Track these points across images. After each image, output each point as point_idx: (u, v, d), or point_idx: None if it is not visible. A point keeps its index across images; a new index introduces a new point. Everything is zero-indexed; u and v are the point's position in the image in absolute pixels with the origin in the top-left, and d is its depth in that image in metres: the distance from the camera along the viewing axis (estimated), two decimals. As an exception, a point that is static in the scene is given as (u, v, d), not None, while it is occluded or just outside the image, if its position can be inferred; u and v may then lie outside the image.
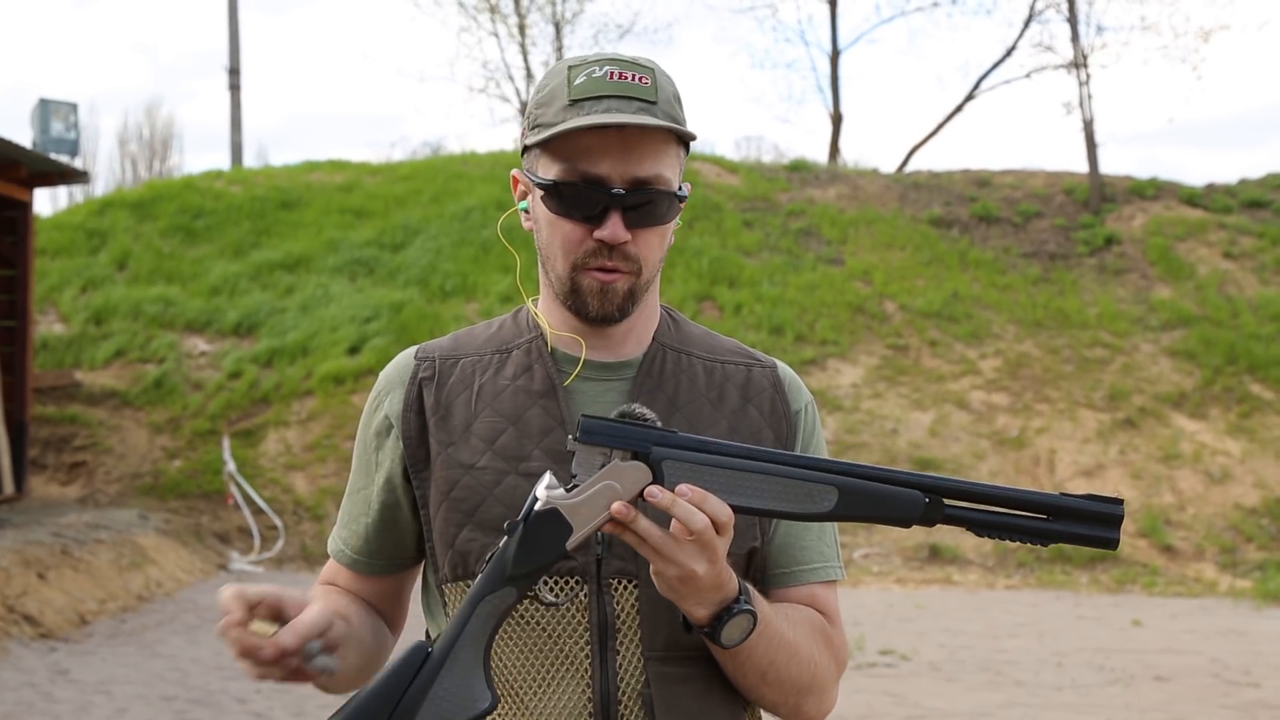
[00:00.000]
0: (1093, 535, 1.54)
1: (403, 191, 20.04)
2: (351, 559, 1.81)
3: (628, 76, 1.64)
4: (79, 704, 7.20)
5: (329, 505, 13.57)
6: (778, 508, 1.52)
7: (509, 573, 1.49)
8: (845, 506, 1.53)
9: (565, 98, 1.65)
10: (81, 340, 16.19)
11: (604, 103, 1.62)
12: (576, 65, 1.68)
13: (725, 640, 1.55)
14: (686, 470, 1.49)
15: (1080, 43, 22.16)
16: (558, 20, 25.60)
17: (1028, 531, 1.53)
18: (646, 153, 1.63)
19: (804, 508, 1.52)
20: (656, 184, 1.64)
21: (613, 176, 1.63)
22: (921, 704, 7.53)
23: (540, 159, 1.69)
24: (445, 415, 1.72)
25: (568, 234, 1.67)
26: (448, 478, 1.69)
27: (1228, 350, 16.00)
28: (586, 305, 1.68)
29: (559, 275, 1.70)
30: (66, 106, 15.64)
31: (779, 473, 1.52)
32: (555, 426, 1.69)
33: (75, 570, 10.12)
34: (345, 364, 15.46)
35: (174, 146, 43.34)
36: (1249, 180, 20.91)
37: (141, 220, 19.13)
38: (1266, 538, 13.23)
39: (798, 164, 22.31)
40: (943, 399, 15.36)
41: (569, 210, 1.65)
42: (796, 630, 1.66)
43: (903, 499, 1.53)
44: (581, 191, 1.64)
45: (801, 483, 1.52)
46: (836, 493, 1.52)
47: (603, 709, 1.62)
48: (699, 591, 1.51)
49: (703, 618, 1.55)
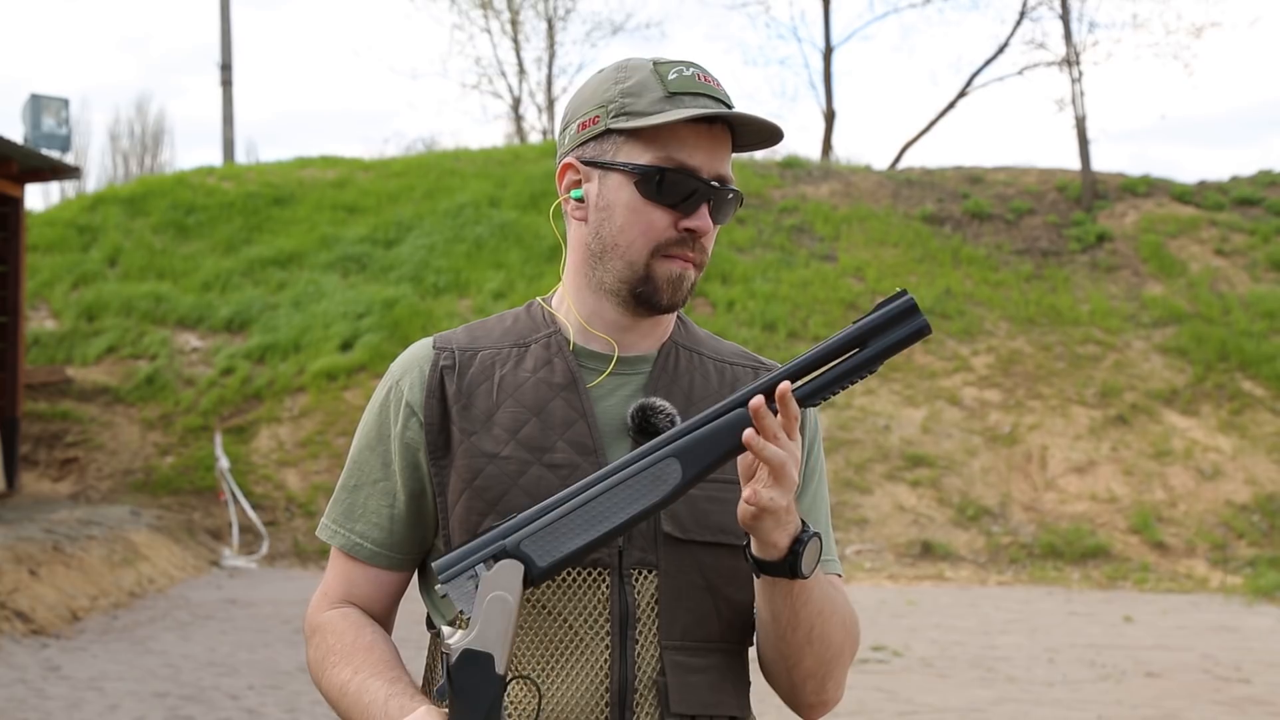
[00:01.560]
0: (905, 334, 1.54)
1: (395, 188, 20.02)
2: (373, 552, 1.77)
3: (711, 81, 1.72)
4: (71, 700, 7.19)
5: (321, 501, 13.56)
6: (638, 510, 1.53)
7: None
8: (692, 464, 1.53)
9: (660, 90, 1.69)
10: (73, 336, 16.16)
11: (701, 100, 1.69)
12: (662, 64, 1.73)
13: (805, 567, 1.57)
14: (545, 537, 1.52)
15: (1073, 40, 22.20)
16: (550, 16, 25.61)
17: (855, 368, 1.55)
18: (726, 153, 1.72)
19: (661, 492, 1.53)
20: (731, 182, 1.72)
21: (704, 170, 1.69)
22: (914, 700, 7.54)
23: (624, 146, 1.71)
24: (467, 404, 1.72)
25: (654, 220, 1.70)
26: (470, 466, 1.69)
27: (1219, 347, 16.03)
28: (659, 292, 1.71)
29: (632, 261, 1.71)
30: (58, 102, 15.59)
31: (619, 480, 1.53)
32: (578, 419, 1.70)
33: (67, 566, 10.11)
34: (338, 360, 15.44)
35: (165, 142, 43.29)
36: (1240, 177, 20.95)
37: (133, 216, 19.10)
38: (1257, 534, 13.26)
39: (790, 160, 22.31)
40: (935, 395, 15.38)
41: (664, 197, 1.69)
42: (834, 593, 1.71)
43: (738, 422, 1.53)
44: (680, 179, 1.68)
45: (643, 473, 1.53)
46: (676, 461, 1.53)
47: (619, 697, 1.64)
48: (789, 511, 1.54)
49: (785, 544, 1.56)
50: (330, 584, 1.81)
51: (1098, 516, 13.60)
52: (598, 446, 1.68)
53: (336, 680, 1.69)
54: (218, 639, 9.00)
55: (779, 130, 1.71)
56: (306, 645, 1.79)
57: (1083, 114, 21.23)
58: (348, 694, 1.67)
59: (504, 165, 20.62)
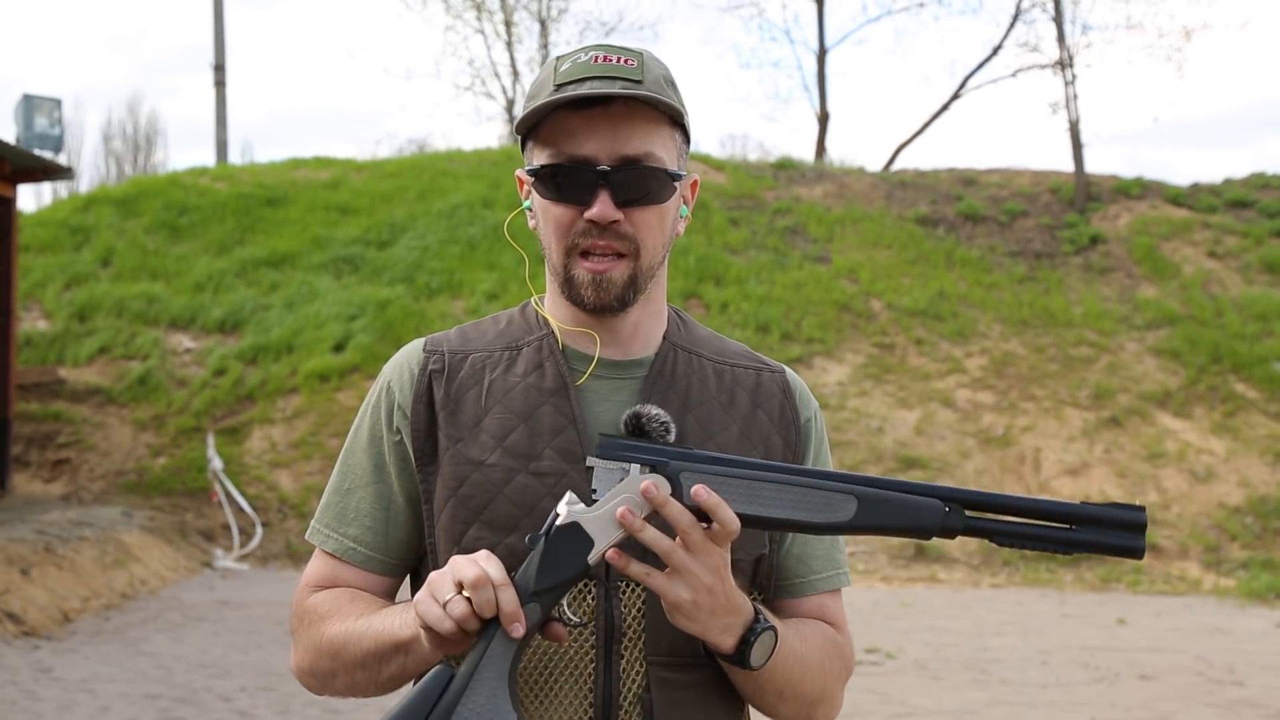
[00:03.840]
0: (1117, 544, 1.51)
1: (389, 189, 20.00)
2: (366, 556, 1.72)
3: (613, 59, 1.62)
4: (62, 702, 7.16)
5: (314, 503, 13.53)
6: (797, 517, 1.51)
7: (532, 588, 1.47)
8: (865, 515, 1.51)
9: (551, 85, 1.63)
10: (65, 337, 16.13)
11: (587, 84, 1.60)
12: (565, 55, 1.67)
13: (755, 661, 1.54)
14: (704, 481, 1.49)
15: (1066, 42, 22.22)
16: (543, 17, 25.60)
17: (1051, 540, 1.51)
18: (635, 131, 1.62)
19: (823, 517, 1.51)
20: (646, 161, 1.62)
21: (600, 156, 1.61)
22: (907, 702, 7.53)
23: (534, 150, 1.67)
24: (454, 410, 1.69)
25: (559, 217, 1.64)
26: (456, 474, 1.66)
27: (1212, 349, 16.04)
28: (581, 296, 1.65)
29: (555, 265, 1.67)
30: (50, 102, 15.56)
31: (797, 482, 1.51)
32: (567, 425, 1.66)
33: (59, 568, 10.08)
34: (330, 361, 15.42)
35: (158, 143, 43.21)
36: (1233, 180, 20.98)
37: (126, 217, 19.07)
38: (1250, 536, 13.27)
39: (784, 162, 22.33)
40: (928, 397, 15.38)
41: (558, 193, 1.64)
42: (809, 645, 1.66)
43: (923, 508, 1.51)
44: (568, 172, 1.62)
45: (820, 491, 1.51)
46: (856, 502, 1.51)
47: (603, 714, 1.61)
48: (716, 615, 1.50)
49: (730, 644, 1.54)
50: (311, 576, 1.76)
51: (1091, 518, 13.59)
52: (587, 454, 1.63)
53: (339, 630, 1.64)
54: (210, 640, 8.98)
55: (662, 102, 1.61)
56: (294, 633, 1.74)
57: (1076, 116, 21.27)
58: (354, 631, 1.62)
59: (497, 166, 20.60)
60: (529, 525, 1.59)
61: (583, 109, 1.61)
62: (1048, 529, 1.51)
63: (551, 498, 1.61)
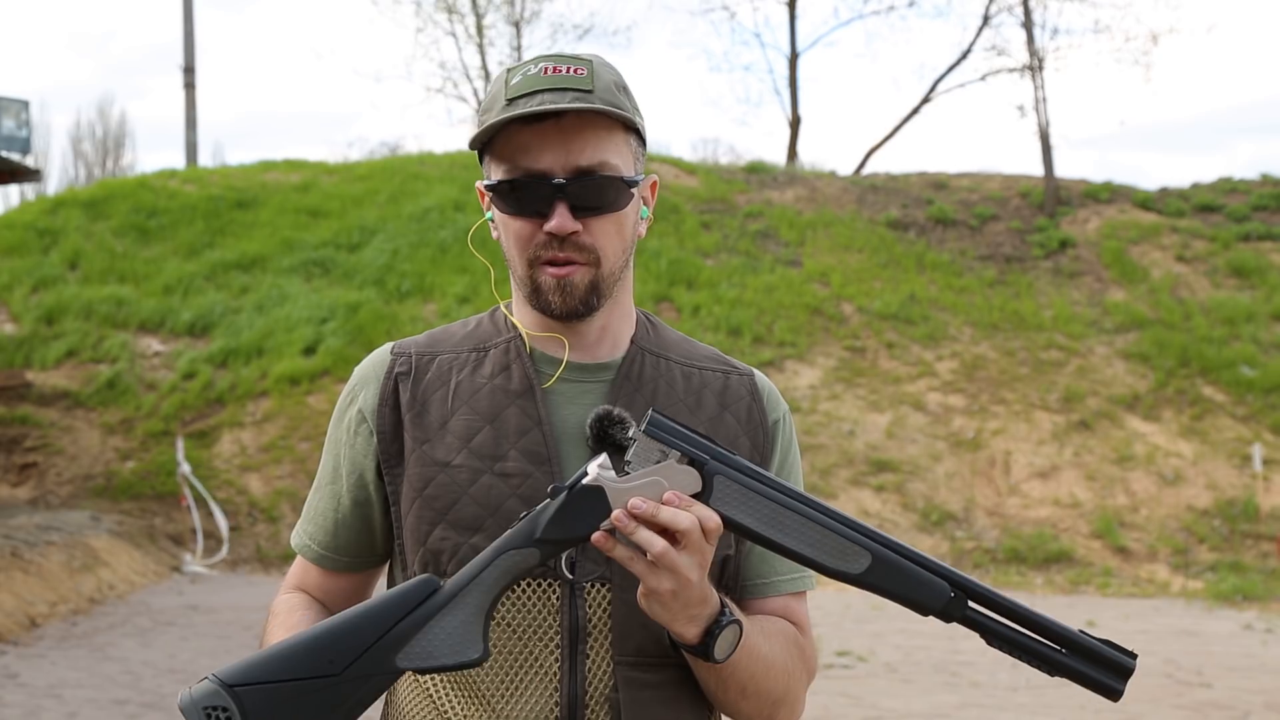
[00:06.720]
0: (1099, 680, 1.55)
1: (360, 191, 19.95)
2: (318, 554, 1.78)
3: (562, 69, 1.63)
4: (28, 708, 7.11)
5: (284, 507, 13.47)
6: (809, 554, 1.51)
7: (539, 535, 1.48)
8: (874, 575, 1.51)
9: (503, 99, 1.63)
10: (32, 340, 16.01)
11: (537, 97, 1.60)
12: (514, 67, 1.67)
13: (719, 654, 1.55)
14: (736, 491, 1.49)
15: (1035, 46, 22.34)
16: (516, 20, 25.56)
17: (1037, 656, 1.54)
18: (588, 141, 1.62)
19: (834, 563, 1.51)
20: (601, 170, 1.63)
21: (555, 168, 1.62)
22: (878, 705, 7.55)
23: (490, 165, 1.68)
24: (421, 412, 1.70)
25: (519, 231, 1.66)
26: (422, 475, 1.67)
27: (1180, 353, 16.15)
28: (548, 302, 1.65)
29: (520, 276, 1.68)
30: (18, 104, 15.48)
31: (821, 521, 1.51)
32: (532, 427, 1.67)
33: (25, 572, 10.00)
34: (301, 365, 15.35)
35: (127, 145, 42.91)
36: (1201, 184, 21.14)
37: (94, 219, 18.95)
38: (1218, 539, 13.36)
39: (756, 166, 22.37)
40: (899, 401, 15.42)
41: (517, 208, 1.65)
42: (772, 643, 1.66)
43: (931, 588, 1.52)
44: (524, 186, 1.63)
45: (839, 538, 1.51)
46: (870, 558, 1.51)
47: (570, 713, 1.61)
48: (688, 606, 1.50)
49: (694, 635, 1.54)
50: (288, 575, 1.83)
51: (1060, 521, 13.66)
52: (551, 455, 1.65)
53: (275, 639, 1.66)
54: (178, 645, 8.93)
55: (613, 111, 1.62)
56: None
57: (1045, 120, 21.38)
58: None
59: (469, 169, 20.57)
60: (494, 526, 1.60)
61: (535, 123, 1.61)
62: (1040, 644, 1.54)
63: (516, 499, 1.62)
